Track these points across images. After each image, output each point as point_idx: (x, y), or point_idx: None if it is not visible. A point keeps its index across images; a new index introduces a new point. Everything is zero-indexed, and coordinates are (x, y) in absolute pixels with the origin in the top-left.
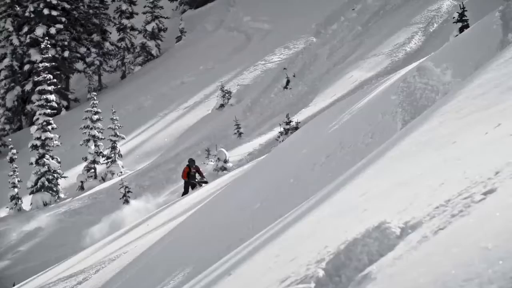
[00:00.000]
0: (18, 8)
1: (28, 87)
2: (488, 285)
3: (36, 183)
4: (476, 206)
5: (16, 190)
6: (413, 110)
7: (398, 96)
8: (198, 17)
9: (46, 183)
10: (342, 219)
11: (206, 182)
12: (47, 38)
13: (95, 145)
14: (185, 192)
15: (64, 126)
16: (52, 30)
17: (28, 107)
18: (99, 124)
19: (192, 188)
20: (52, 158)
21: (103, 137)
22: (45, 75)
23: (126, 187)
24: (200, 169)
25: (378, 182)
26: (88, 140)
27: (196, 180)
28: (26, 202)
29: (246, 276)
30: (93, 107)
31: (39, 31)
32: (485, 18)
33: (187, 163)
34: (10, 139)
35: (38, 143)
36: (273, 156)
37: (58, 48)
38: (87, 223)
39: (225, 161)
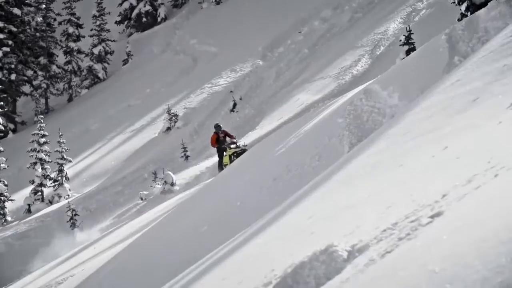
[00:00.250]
0: None
1: None
2: None
3: None
4: (423, 229)
5: None
6: (360, 133)
7: (345, 119)
8: (144, 40)
9: None
10: (289, 242)
11: (240, 148)
12: None
13: (42, 168)
14: (220, 160)
15: (11, 149)
16: None
17: None
18: (46, 147)
19: (224, 151)
20: None
21: (50, 160)
22: None
23: (73, 210)
24: (229, 132)
25: (325, 205)
26: (35, 163)
27: (226, 144)
28: None
29: None
30: (40, 130)
31: None
32: (431, 41)
33: (214, 130)
34: None
35: None
36: (220, 179)
37: (5, 71)
38: (34, 246)
39: (172, 184)
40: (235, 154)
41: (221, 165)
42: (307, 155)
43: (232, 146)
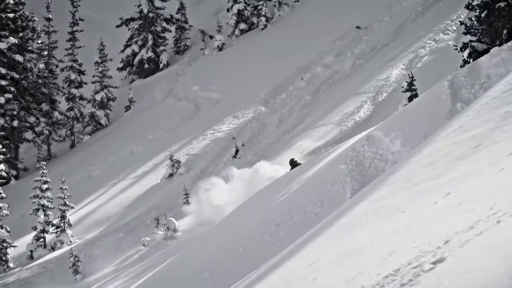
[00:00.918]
0: None
1: None
2: None
3: None
4: (426, 275)
5: None
6: (362, 179)
7: (347, 165)
8: (147, 86)
9: None
10: None
11: None
12: None
13: (44, 215)
14: None
15: (13, 195)
16: (1, 100)
17: None
18: (48, 194)
19: None
20: (1, 227)
21: (52, 207)
22: None
23: (76, 256)
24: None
25: (327, 251)
26: (37, 209)
27: None
28: None
29: None
30: (42, 176)
31: None
32: (434, 87)
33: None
34: None
35: None
36: (222, 225)
37: (7, 118)
38: None
39: (174, 230)
40: None
41: None
42: (310, 201)
43: None
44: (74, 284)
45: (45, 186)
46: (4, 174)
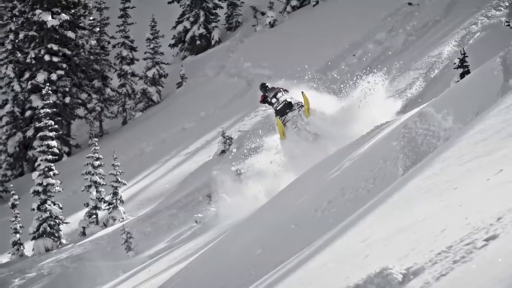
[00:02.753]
0: (19, 55)
1: (29, 133)
2: None
3: (38, 229)
4: (478, 252)
5: (17, 236)
6: (415, 156)
7: (399, 142)
8: (198, 63)
9: (48, 229)
10: (343, 265)
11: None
12: (48, 84)
13: (96, 191)
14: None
15: (65, 172)
16: (53, 76)
17: (30, 153)
18: (100, 170)
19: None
20: (54, 204)
21: (104, 183)
22: (47, 121)
23: (128, 233)
24: (280, 88)
25: (380, 228)
26: (89, 186)
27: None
28: (28, 248)
29: None
30: (94, 153)
31: (40, 77)
32: (486, 64)
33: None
34: (11, 185)
35: (40, 189)
36: (274, 202)
37: (59, 94)
38: (89, 269)
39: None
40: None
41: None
42: (362, 178)
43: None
44: (127, 261)
45: (97, 163)
46: (56, 150)
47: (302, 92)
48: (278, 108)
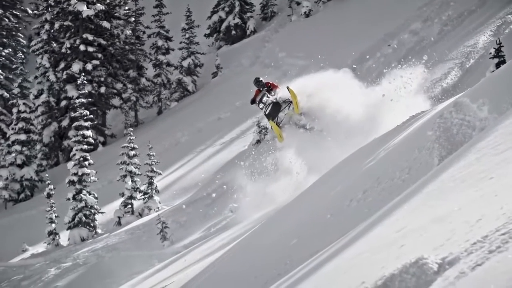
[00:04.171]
0: (55, 45)
1: (65, 123)
2: None
3: (73, 219)
4: None
5: (53, 225)
6: (450, 146)
7: (435, 132)
8: (234, 53)
9: (83, 218)
10: (379, 255)
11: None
12: (83, 74)
13: (132, 181)
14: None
15: (101, 162)
16: (89, 66)
17: (65, 143)
18: (135, 160)
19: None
20: (89, 194)
21: (139, 173)
22: (82, 111)
23: (163, 222)
24: (272, 83)
25: (415, 218)
26: (125, 176)
27: (270, 100)
28: (64, 237)
29: None
30: (129, 142)
31: (76, 67)
32: None
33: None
34: (47, 175)
35: (75, 178)
36: (310, 191)
37: (95, 84)
38: (124, 258)
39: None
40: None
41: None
42: (397, 167)
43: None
44: (162, 251)
45: (132, 153)
46: (91, 140)
47: (287, 88)
48: (267, 112)
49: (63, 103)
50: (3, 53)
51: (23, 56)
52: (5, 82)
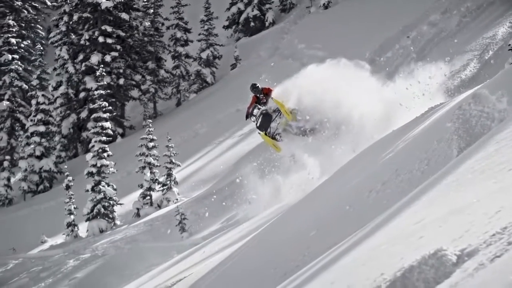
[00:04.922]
0: (74, 36)
1: (83, 114)
2: None
3: (92, 210)
4: None
5: (72, 217)
6: (469, 137)
7: (454, 123)
8: (252, 44)
9: (102, 210)
10: (397, 246)
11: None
12: (102, 65)
13: (150, 172)
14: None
15: (119, 153)
16: (107, 58)
17: (84, 134)
18: (154, 151)
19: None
20: (108, 185)
21: (158, 164)
22: (101, 103)
23: (182, 214)
24: (271, 88)
25: (434, 210)
26: (143, 167)
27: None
28: (83, 229)
29: None
30: (148, 134)
31: (94, 58)
32: None
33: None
34: (66, 166)
35: (94, 170)
36: (329, 182)
37: (113, 76)
38: (143, 250)
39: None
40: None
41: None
42: (416, 159)
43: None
44: (181, 242)
45: (151, 144)
46: (110, 132)
47: (272, 98)
48: (258, 124)
49: (82, 94)
50: (22, 45)
51: (42, 48)
52: (24, 73)
